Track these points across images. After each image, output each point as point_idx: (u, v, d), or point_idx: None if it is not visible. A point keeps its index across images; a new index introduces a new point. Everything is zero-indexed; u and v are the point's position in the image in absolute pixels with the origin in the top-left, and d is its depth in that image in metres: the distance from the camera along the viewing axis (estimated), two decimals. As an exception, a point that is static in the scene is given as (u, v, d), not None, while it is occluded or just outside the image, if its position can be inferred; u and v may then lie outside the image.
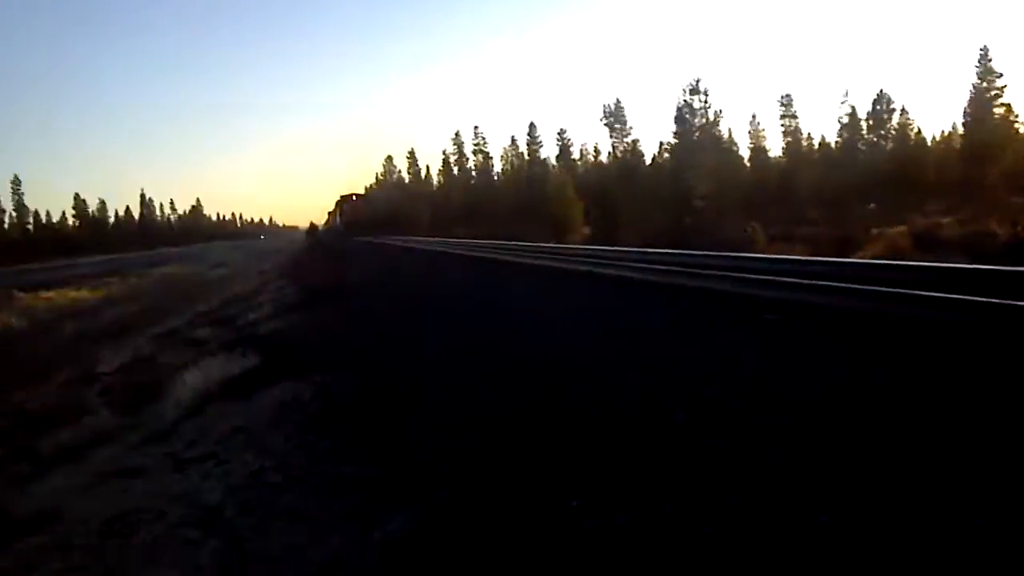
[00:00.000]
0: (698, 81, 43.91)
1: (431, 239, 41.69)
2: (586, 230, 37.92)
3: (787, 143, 67.79)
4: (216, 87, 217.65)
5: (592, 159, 77.75)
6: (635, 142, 68.02)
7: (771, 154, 69.92)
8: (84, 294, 22.43)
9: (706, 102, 44.83)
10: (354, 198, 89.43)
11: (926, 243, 18.69)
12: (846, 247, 17.45)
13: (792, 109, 66.70)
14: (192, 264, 42.36)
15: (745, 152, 71.88)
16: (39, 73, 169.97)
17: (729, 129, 71.94)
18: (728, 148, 70.97)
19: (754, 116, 72.45)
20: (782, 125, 67.37)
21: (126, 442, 5.42)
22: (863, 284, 6.38)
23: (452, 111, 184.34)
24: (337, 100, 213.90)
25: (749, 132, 72.95)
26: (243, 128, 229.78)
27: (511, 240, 26.31)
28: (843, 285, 6.53)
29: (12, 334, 14.32)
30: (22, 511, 4.21)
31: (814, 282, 6.80)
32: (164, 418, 5.94)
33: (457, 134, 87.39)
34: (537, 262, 14.53)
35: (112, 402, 7.10)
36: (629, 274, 10.36)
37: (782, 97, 67.25)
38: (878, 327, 5.21)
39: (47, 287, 23.88)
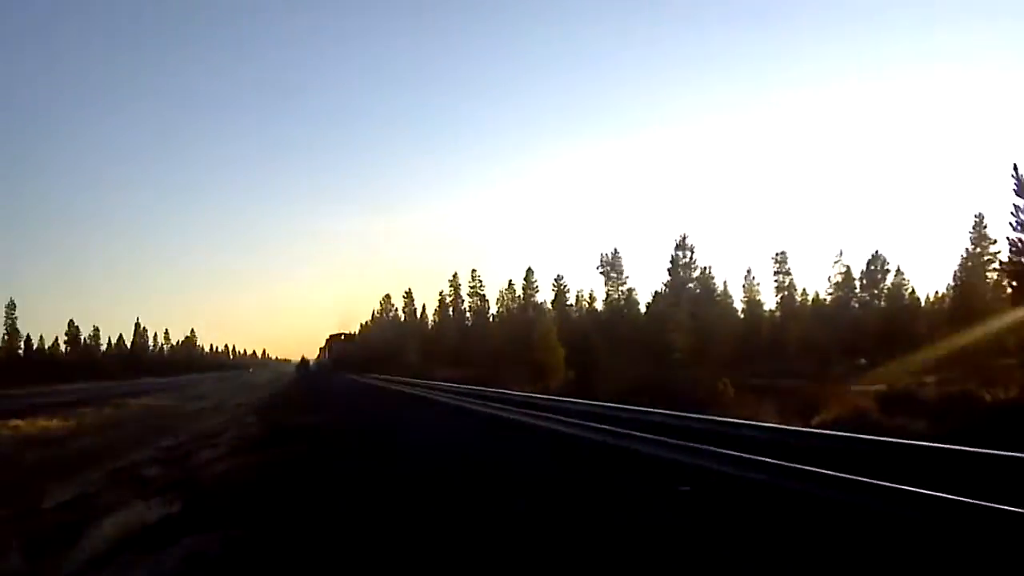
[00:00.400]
0: (684, 237, 45.24)
1: (411, 380, 41.59)
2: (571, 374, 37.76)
3: (781, 298, 69.11)
4: (210, 224, 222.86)
5: (587, 305, 78.85)
6: (630, 290, 69.50)
7: (766, 307, 71.12)
8: (55, 424, 22.50)
9: (691, 257, 46.08)
10: (342, 337, 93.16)
11: (895, 404, 18.47)
12: (811, 406, 17.19)
13: (786, 266, 68.66)
14: (173, 396, 42.55)
15: (740, 304, 73.44)
16: (40, 196, 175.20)
17: (724, 282, 73.48)
18: (722, 300, 72.33)
19: (749, 271, 73.93)
20: (775, 281, 69.02)
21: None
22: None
23: (452, 251, 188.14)
24: (335, 233, 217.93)
25: (744, 286, 74.43)
26: (238, 261, 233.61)
27: (483, 385, 26.43)
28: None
29: None
30: None
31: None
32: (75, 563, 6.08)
33: (455, 276, 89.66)
34: (482, 408, 17.70)
35: (34, 542, 7.14)
36: (557, 427, 11.47)
37: (776, 254, 69.12)
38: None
39: (20, 415, 23.93)
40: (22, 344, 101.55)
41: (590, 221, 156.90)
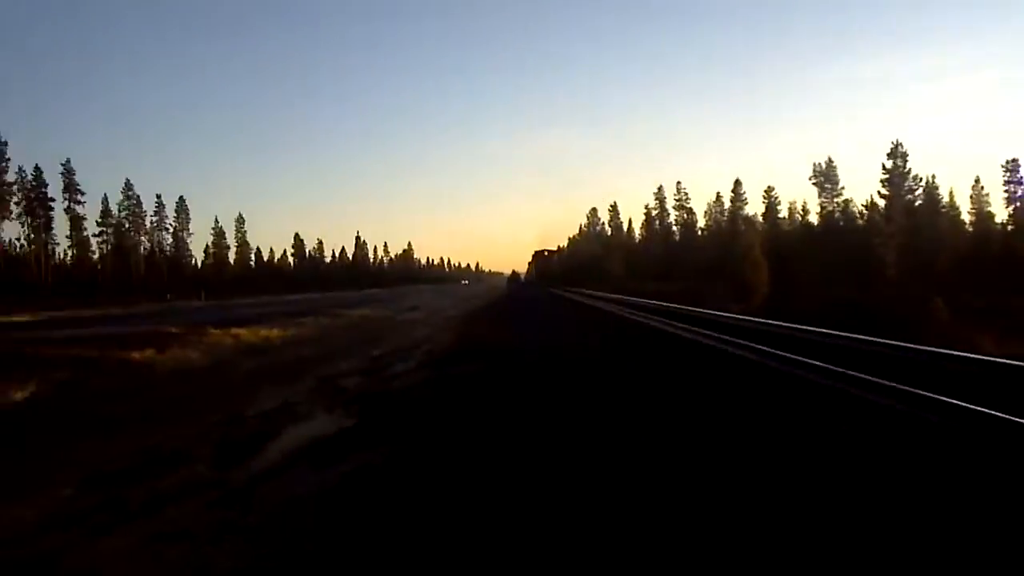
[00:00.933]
0: (897, 144, 41.41)
1: (607, 295, 42.41)
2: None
3: (1013, 209, 61.70)
4: (423, 143, 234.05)
5: (800, 217, 75.08)
6: (847, 201, 65.14)
7: (997, 219, 63.95)
8: (274, 333, 23.12)
9: (905, 165, 42.16)
10: (546, 254, 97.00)
11: None
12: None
13: (1019, 175, 60.80)
14: (389, 307, 44.24)
15: (968, 217, 66.77)
16: (270, 120, 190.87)
17: (951, 191, 66.80)
18: (947, 213, 65.79)
19: (977, 180, 66.41)
20: (1006, 191, 61.55)
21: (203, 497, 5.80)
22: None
23: (657, 165, 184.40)
24: (547, 148, 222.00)
25: (971, 196, 67.34)
26: (452, 177, 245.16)
27: (680, 302, 26.63)
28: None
29: (187, 370, 15.11)
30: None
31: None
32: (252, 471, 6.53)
33: (660, 188, 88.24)
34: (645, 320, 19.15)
35: (228, 446, 7.69)
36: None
37: (1007, 162, 61.35)
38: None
39: (243, 324, 24.46)
40: (252, 256, 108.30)
41: (801, 131, 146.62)
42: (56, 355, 15.13)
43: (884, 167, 45.54)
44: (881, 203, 49.99)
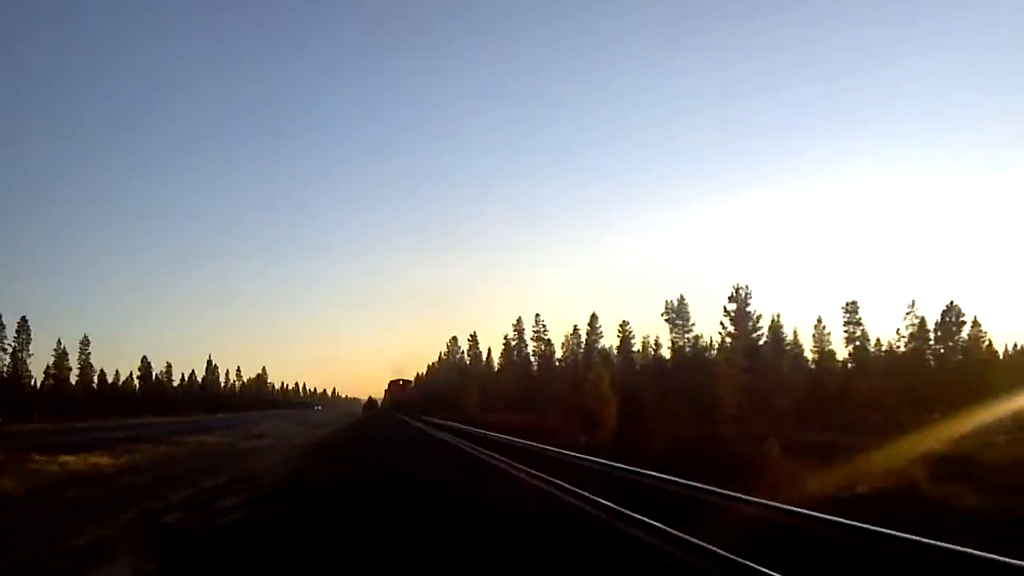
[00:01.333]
0: (738, 287, 44.34)
1: (458, 425, 41.69)
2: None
3: (852, 348, 67.10)
4: (282, 266, 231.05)
5: (653, 351, 77.95)
6: (697, 338, 68.25)
7: (838, 358, 69.12)
8: (105, 460, 22.50)
9: (747, 308, 44.96)
10: (400, 383, 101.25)
11: (951, 470, 17.25)
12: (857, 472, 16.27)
13: (857, 316, 67.04)
14: (234, 433, 43.66)
15: (810, 355, 71.75)
16: (114, 234, 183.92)
17: (795, 331, 71.87)
18: (790, 351, 70.44)
19: (820, 319, 72.08)
20: (845, 332, 67.06)
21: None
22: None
23: (515, 297, 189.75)
24: (407, 275, 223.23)
25: (813, 335, 72.75)
26: (308, 302, 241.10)
27: (532, 433, 26.31)
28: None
29: None
30: None
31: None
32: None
33: (519, 320, 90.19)
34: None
35: None
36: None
37: (847, 304, 67.34)
38: None
39: (74, 450, 24.08)
40: (95, 379, 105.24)
41: (656, 270, 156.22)
42: None
43: (725, 309, 48.32)
44: (727, 341, 52.71)
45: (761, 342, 58.96)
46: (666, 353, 71.26)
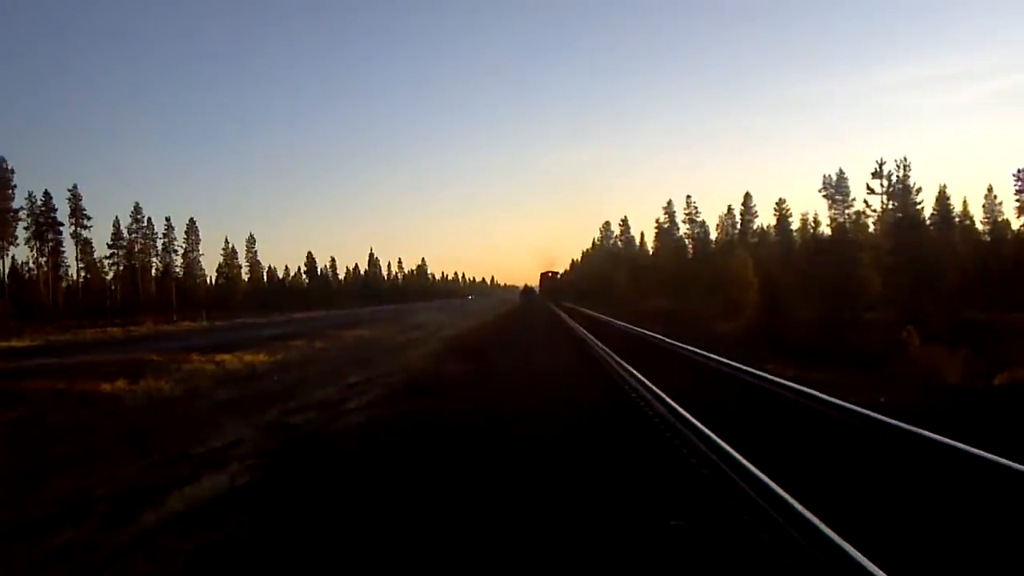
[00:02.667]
0: (882, 161, 41.36)
1: (596, 314, 42.44)
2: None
3: (1025, 219, 61.09)
4: (442, 158, 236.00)
5: (812, 229, 74.43)
6: (858, 213, 64.17)
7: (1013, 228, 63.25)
8: (260, 358, 23.02)
9: (888, 184, 41.97)
10: (550, 275, 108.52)
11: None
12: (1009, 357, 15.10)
13: None
14: (389, 326, 44.79)
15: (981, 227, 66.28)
16: (274, 140, 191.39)
17: (964, 200, 66.22)
18: (959, 223, 65.07)
19: (990, 188, 65.83)
20: (1017, 200, 60.89)
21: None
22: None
23: (670, 179, 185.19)
24: (564, 165, 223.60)
25: (983, 206, 66.77)
26: (465, 192, 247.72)
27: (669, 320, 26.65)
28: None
29: (154, 404, 14.99)
30: None
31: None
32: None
33: (669, 203, 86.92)
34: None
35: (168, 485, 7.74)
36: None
37: (1019, 171, 60.67)
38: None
39: (231, 349, 24.57)
40: (264, 275, 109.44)
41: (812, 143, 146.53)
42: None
43: (868, 186, 45.03)
44: (872, 217, 49.50)
45: (924, 216, 54.84)
46: (826, 231, 67.89)
